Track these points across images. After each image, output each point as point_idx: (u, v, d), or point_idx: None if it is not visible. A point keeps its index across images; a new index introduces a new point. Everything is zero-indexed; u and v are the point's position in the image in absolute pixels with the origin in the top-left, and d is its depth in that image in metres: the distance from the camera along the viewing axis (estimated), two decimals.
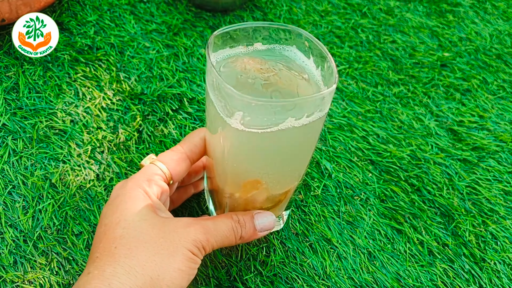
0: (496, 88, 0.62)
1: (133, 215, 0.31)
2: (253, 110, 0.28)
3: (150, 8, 0.61)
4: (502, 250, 0.46)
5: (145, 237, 0.31)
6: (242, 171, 0.33)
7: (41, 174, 0.44)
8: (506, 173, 0.52)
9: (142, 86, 0.53)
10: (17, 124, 0.47)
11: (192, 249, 0.31)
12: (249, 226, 0.35)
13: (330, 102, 0.31)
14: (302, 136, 0.31)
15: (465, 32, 0.69)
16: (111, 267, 0.29)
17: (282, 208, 0.40)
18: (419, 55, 0.64)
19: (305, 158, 0.35)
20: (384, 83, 0.59)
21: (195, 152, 0.37)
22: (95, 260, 0.30)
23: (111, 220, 0.32)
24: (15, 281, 0.38)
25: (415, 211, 0.47)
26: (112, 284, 0.28)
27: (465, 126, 0.56)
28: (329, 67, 0.31)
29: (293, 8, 0.66)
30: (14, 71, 0.51)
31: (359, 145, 0.52)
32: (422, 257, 0.44)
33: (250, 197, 0.35)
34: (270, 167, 0.33)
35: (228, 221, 0.34)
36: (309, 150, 0.34)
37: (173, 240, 0.31)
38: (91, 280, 0.28)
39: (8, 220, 0.41)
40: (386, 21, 0.68)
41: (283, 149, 0.32)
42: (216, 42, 0.32)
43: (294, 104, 0.29)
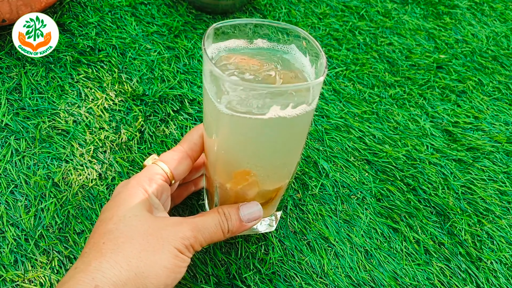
0: (491, 89, 0.63)
1: (126, 211, 0.32)
2: (238, 94, 0.29)
3: (151, 10, 0.62)
4: (499, 250, 0.46)
5: (134, 233, 0.31)
6: (231, 160, 0.33)
7: (44, 173, 0.44)
8: (501, 173, 0.53)
9: (143, 87, 0.53)
10: (19, 124, 0.48)
11: (179, 247, 0.31)
12: (235, 218, 0.35)
13: (317, 95, 0.31)
14: (289, 129, 0.32)
15: (462, 34, 0.70)
16: (97, 262, 0.29)
17: (274, 207, 0.41)
18: (416, 57, 0.65)
19: (294, 154, 0.35)
20: (381, 85, 0.60)
21: (195, 150, 0.37)
22: (83, 255, 0.31)
23: (106, 215, 0.32)
24: (15, 280, 0.38)
25: (411, 210, 0.48)
26: (96, 278, 0.28)
27: (460, 127, 0.57)
28: (321, 63, 0.32)
29: (292, 10, 0.67)
30: (16, 71, 0.52)
31: (355, 145, 0.53)
32: (418, 256, 0.45)
33: (240, 191, 0.36)
34: (258, 157, 0.33)
35: (215, 216, 0.34)
36: (297, 146, 0.35)
37: (160, 237, 0.31)
38: (76, 274, 0.29)
39: (9, 219, 0.41)
40: (383, 24, 0.69)
41: (270, 139, 0.32)
42: (216, 33, 0.33)
43: (279, 92, 0.29)
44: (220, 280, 0.40)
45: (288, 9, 0.67)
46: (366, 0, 0.71)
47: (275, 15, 0.66)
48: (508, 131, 0.58)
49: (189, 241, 0.32)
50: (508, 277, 0.45)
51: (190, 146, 0.37)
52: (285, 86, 0.31)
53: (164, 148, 0.49)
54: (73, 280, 0.28)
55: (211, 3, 0.61)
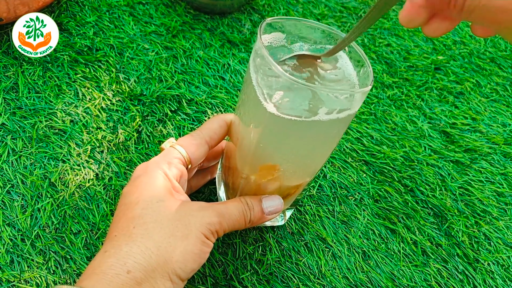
0: (489, 91, 0.63)
1: (152, 196, 0.32)
2: (291, 93, 0.29)
3: (149, 10, 0.62)
4: (496, 251, 0.46)
5: (162, 219, 0.31)
6: (265, 154, 0.34)
7: (41, 173, 0.44)
8: (498, 174, 0.53)
9: (141, 87, 0.53)
10: (16, 124, 0.47)
11: (206, 233, 0.32)
12: (257, 209, 0.36)
13: (361, 102, 0.32)
14: (330, 130, 0.32)
15: (460, 35, 0.70)
16: (128, 247, 0.30)
17: (288, 204, 0.41)
18: (414, 58, 0.65)
19: (326, 154, 0.36)
20: (379, 86, 0.60)
21: (214, 138, 0.38)
22: (113, 238, 0.31)
23: (131, 200, 0.32)
24: (11, 281, 0.38)
25: (408, 211, 0.48)
26: (128, 263, 0.29)
27: (458, 128, 0.57)
28: (366, 71, 0.32)
29: (290, 11, 0.67)
30: (13, 71, 0.51)
31: (353, 146, 0.53)
32: (416, 257, 0.45)
33: (262, 184, 0.36)
34: (292, 155, 0.34)
35: (238, 204, 0.35)
36: (331, 147, 0.36)
37: (188, 223, 0.32)
38: (107, 259, 0.29)
39: (6, 219, 0.41)
40: (382, 25, 0.69)
41: (309, 139, 0.33)
42: (267, 27, 0.33)
43: (330, 96, 0.30)
44: (217, 281, 0.40)
45: (287, 9, 0.67)
46: (364, 1, 0.71)
47: (273, 15, 0.66)
48: (506, 132, 0.58)
49: (214, 227, 0.32)
50: (505, 279, 0.45)
51: (209, 133, 0.37)
52: (336, 91, 0.31)
53: None
54: (105, 264, 0.29)
55: (209, 3, 0.61)
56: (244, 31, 0.62)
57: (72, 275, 0.39)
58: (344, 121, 0.32)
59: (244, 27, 0.63)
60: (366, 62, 0.32)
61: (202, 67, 0.57)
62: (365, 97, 0.32)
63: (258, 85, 0.31)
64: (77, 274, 0.39)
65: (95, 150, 0.47)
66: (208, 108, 0.53)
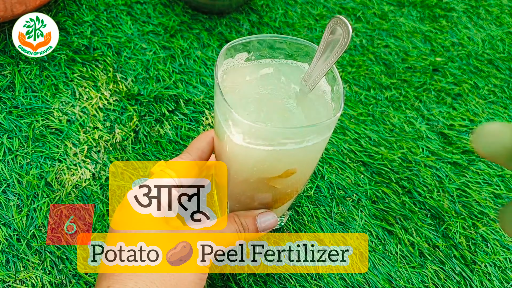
0: (487, 93, 0.63)
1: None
2: (253, 134, 0.29)
3: (147, 9, 0.62)
4: (493, 253, 0.46)
5: None
6: (241, 178, 0.34)
7: (37, 173, 0.44)
8: (495, 176, 0.53)
9: (138, 87, 0.53)
10: (12, 123, 0.47)
11: (204, 263, 0.32)
12: (252, 228, 0.36)
13: (333, 127, 0.31)
14: (303, 155, 0.32)
15: (458, 37, 0.70)
16: (133, 281, 0.29)
17: (281, 213, 0.41)
18: (412, 59, 0.65)
19: (308, 170, 0.36)
20: (377, 87, 0.60)
21: (203, 158, 0.38)
22: (112, 276, 0.30)
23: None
24: (6, 281, 0.38)
25: (406, 212, 0.48)
26: None
27: (456, 130, 0.57)
28: (337, 91, 0.32)
29: (289, 11, 0.67)
30: (9, 69, 0.51)
31: (351, 147, 0.52)
32: (413, 258, 0.45)
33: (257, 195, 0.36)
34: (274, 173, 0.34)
35: (232, 226, 0.35)
36: (312, 163, 0.35)
37: None
38: None
39: (1, 219, 0.41)
40: (380, 26, 0.69)
41: (285, 161, 0.32)
42: (227, 52, 0.33)
43: (295, 132, 0.30)
44: (214, 282, 0.40)
45: (285, 10, 0.67)
46: (363, 2, 0.71)
47: (272, 16, 0.66)
48: None
49: (209, 256, 0.33)
50: (502, 280, 0.45)
51: (198, 154, 0.37)
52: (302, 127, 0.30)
53: (159, 148, 0.48)
54: None
55: (207, 3, 0.61)
56: (242, 31, 0.62)
57: (67, 275, 0.39)
58: (318, 145, 0.31)
59: (242, 27, 0.63)
60: (338, 80, 0.32)
61: (200, 67, 0.57)
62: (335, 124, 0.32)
63: (225, 121, 0.30)
64: (73, 275, 0.39)
65: (92, 150, 0.47)
66: (206, 108, 0.53)
